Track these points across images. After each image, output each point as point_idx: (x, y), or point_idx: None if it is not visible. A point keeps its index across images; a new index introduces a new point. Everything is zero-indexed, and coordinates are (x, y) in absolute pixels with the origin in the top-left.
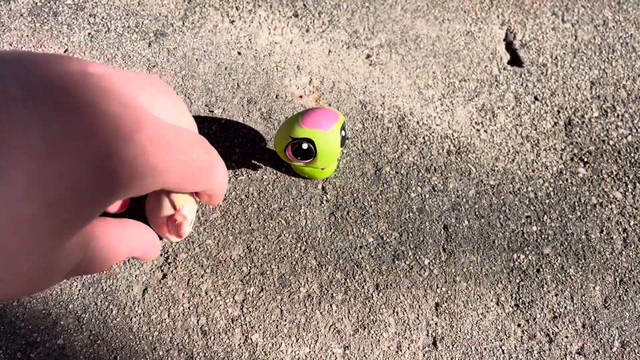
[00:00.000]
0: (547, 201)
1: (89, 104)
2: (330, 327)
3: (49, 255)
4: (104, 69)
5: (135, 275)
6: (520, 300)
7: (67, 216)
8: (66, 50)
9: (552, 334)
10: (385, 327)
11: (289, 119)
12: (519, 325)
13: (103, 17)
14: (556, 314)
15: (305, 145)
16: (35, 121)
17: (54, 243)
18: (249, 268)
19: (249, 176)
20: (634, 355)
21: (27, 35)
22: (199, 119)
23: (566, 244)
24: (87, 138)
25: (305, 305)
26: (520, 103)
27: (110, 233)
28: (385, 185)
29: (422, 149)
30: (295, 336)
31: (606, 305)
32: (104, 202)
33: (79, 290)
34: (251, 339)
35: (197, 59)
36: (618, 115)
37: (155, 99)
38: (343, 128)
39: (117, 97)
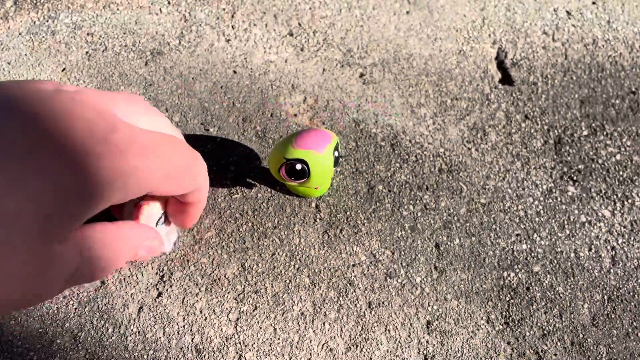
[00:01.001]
0: (537, 219)
1: (63, 112)
2: (323, 345)
3: (41, 256)
4: (78, 88)
5: (131, 294)
6: (510, 318)
7: (53, 213)
8: (64, 69)
9: (541, 351)
10: (377, 345)
11: (283, 140)
12: (508, 343)
13: (100, 36)
14: (545, 332)
15: (298, 166)
16: (14, 127)
17: (43, 241)
18: (243, 286)
19: (244, 194)
20: None
21: (26, 54)
22: (194, 138)
23: (555, 262)
24: (64, 140)
25: (298, 323)
26: (510, 121)
27: (109, 237)
28: (378, 203)
29: (415, 167)
30: (289, 354)
31: (594, 323)
32: (89, 203)
33: (75, 308)
34: (245, 358)
35: (193, 78)
36: (607, 134)
37: (131, 111)
38: (336, 148)
39: (90, 106)
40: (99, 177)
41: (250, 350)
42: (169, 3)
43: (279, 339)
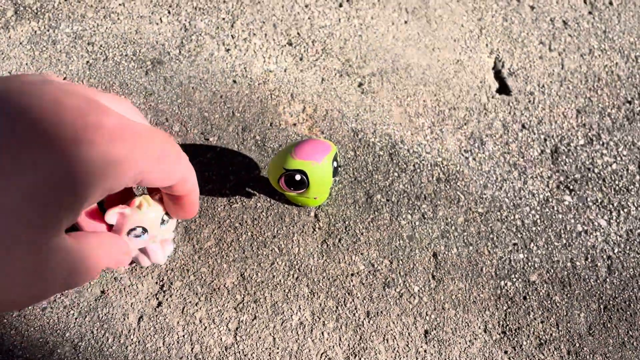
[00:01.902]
0: (534, 229)
1: (53, 102)
2: (322, 355)
3: (41, 249)
4: (66, 81)
5: (131, 304)
6: (507, 328)
7: (49, 204)
8: (65, 78)
9: None
10: (376, 354)
11: (282, 151)
12: (505, 352)
13: (101, 46)
14: (542, 341)
15: (298, 177)
16: (3, 122)
17: (43, 234)
18: (242, 296)
19: (243, 204)
20: None
21: (27, 63)
22: (194, 147)
23: (552, 271)
24: (55, 130)
25: (297, 333)
26: (508, 131)
27: (92, 244)
28: (376, 212)
29: (413, 176)
30: None
31: (591, 332)
32: (83, 192)
33: (76, 318)
34: None
35: (193, 87)
36: (603, 144)
37: (114, 105)
38: (335, 159)
39: (80, 94)
40: (92, 164)
41: (249, 359)
42: (169, 12)
43: (278, 348)
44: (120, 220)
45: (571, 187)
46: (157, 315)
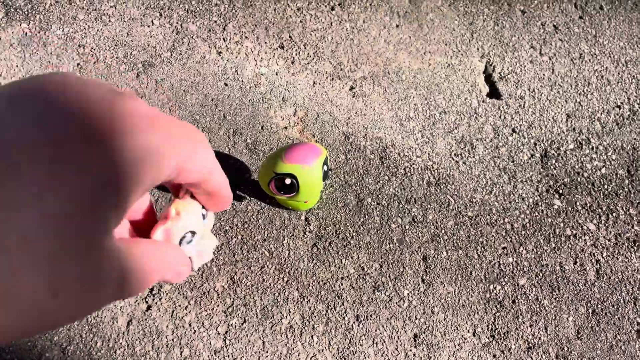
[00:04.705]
0: (523, 232)
1: (79, 95)
2: (311, 358)
3: (93, 258)
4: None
5: (120, 307)
6: (496, 331)
7: (97, 206)
8: None
9: None
10: (365, 358)
11: (273, 154)
12: (494, 356)
13: (92, 48)
14: (530, 345)
15: (288, 181)
16: (35, 126)
17: (94, 241)
18: (232, 299)
19: (234, 207)
20: None
21: (17, 66)
22: None
23: (541, 275)
24: (91, 124)
25: (287, 336)
26: (498, 135)
27: (146, 253)
28: (366, 216)
29: (403, 180)
30: None
31: (579, 336)
32: (130, 187)
33: None
34: None
35: (184, 90)
36: (593, 148)
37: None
38: (325, 163)
39: (101, 85)
40: (135, 154)
41: None
42: (160, 15)
43: (267, 352)
44: (167, 235)
45: (560, 191)
46: (146, 319)
